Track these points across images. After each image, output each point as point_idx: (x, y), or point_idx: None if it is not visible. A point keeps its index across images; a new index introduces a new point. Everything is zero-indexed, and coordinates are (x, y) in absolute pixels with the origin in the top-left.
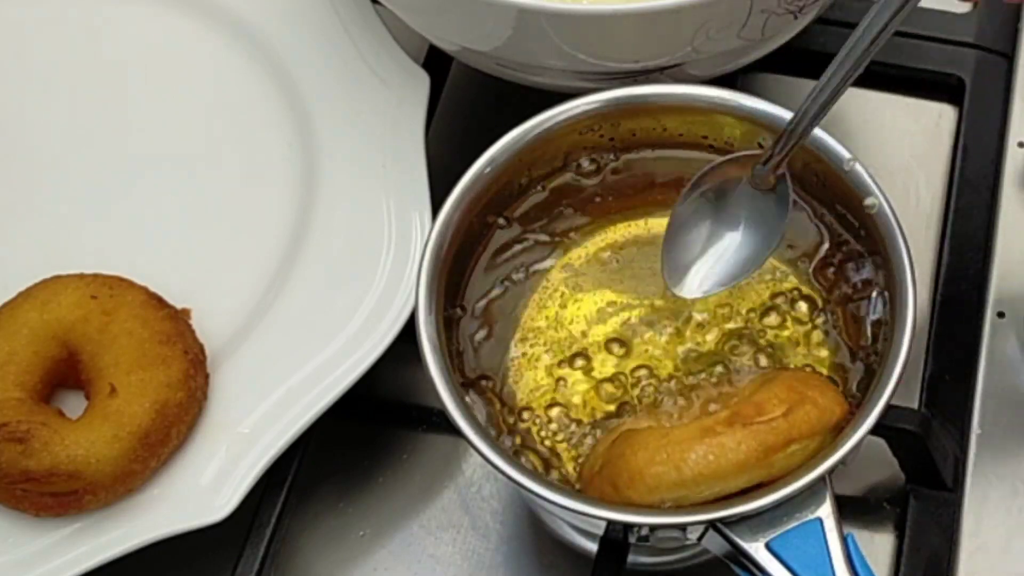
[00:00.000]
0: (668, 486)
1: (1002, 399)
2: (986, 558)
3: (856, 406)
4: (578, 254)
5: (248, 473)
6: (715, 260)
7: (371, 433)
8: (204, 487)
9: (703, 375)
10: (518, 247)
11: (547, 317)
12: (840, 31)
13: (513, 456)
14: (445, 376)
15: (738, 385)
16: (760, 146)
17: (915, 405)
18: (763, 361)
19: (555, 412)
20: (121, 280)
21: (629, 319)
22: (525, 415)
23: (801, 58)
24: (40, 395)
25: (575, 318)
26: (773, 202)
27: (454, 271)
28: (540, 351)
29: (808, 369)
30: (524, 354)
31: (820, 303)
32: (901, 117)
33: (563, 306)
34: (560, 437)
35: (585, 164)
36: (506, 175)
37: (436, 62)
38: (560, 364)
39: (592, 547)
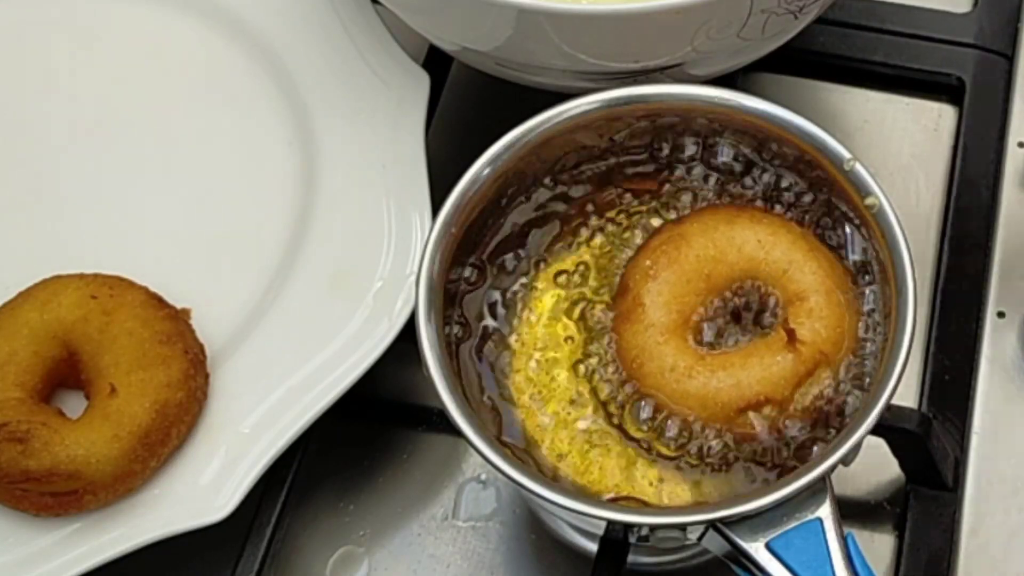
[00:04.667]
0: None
1: (1002, 399)
2: (986, 558)
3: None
4: (576, 251)
5: (248, 473)
6: None
7: (371, 433)
8: (204, 487)
9: None
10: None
11: (544, 314)
12: (840, 31)
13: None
14: (445, 376)
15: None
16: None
17: (915, 405)
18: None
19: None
20: (121, 280)
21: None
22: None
23: (801, 58)
24: (40, 395)
25: (572, 311)
26: None
27: (454, 268)
28: (538, 344)
29: None
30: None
31: None
32: (901, 117)
33: (559, 302)
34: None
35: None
36: (506, 175)
37: (436, 62)
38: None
39: (592, 547)
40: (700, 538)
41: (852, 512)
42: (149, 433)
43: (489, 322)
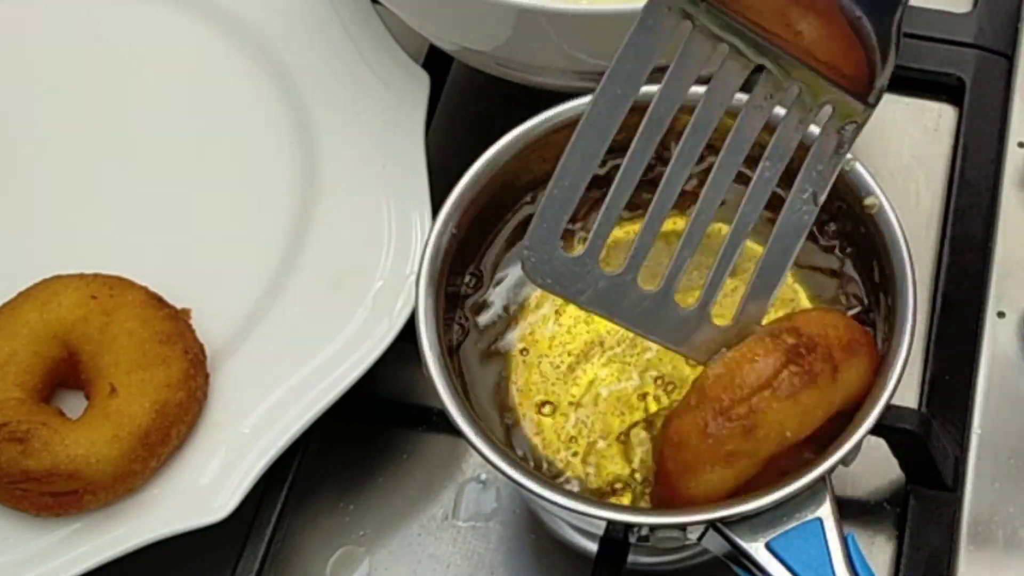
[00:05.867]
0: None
1: (1002, 399)
2: (986, 558)
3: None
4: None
5: (248, 473)
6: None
7: (371, 433)
8: (204, 487)
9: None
10: (517, 246)
11: (545, 317)
12: None
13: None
14: (445, 376)
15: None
16: None
17: (915, 405)
18: None
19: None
20: (121, 280)
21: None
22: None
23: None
24: (40, 395)
25: (575, 317)
26: None
27: (454, 270)
28: (541, 351)
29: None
30: (524, 352)
31: None
32: (901, 117)
33: (563, 303)
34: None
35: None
36: (506, 176)
37: (436, 62)
38: (558, 361)
39: (592, 547)
40: (700, 538)
41: (852, 512)
42: (149, 433)
43: (491, 322)
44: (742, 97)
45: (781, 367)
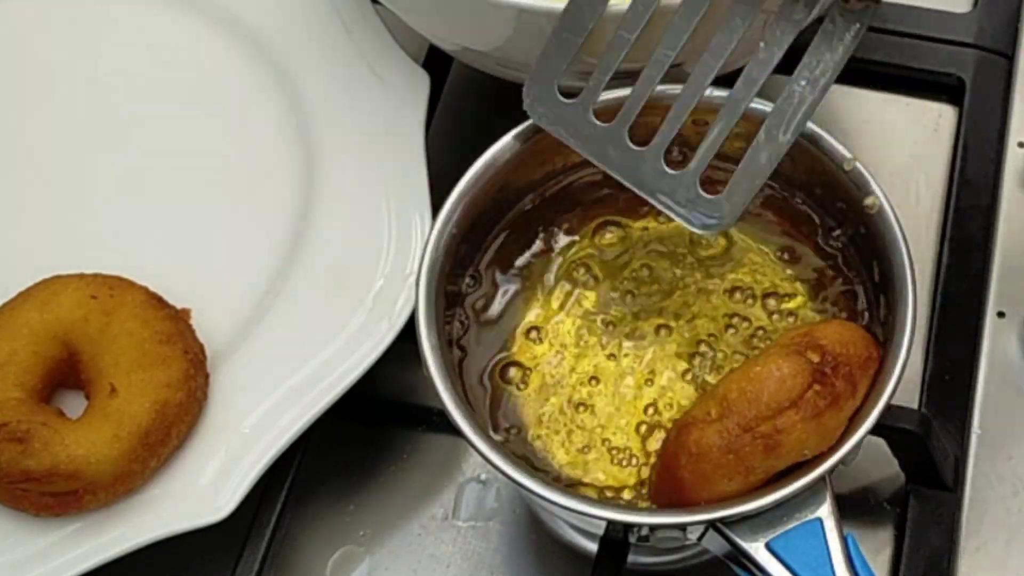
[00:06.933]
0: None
1: (1002, 399)
2: (986, 558)
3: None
4: (577, 252)
5: (248, 473)
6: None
7: (371, 433)
8: (204, 487)
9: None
10: (517, 247)
11: (547, 316)
12: None
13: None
14: (445, 376)
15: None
16: None
17: (915, 405)
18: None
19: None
20: (121, 280)
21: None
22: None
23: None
24: (40, 395)
25: (575, 314)
26: None
27: (455, 270)
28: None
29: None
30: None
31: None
32: (901, 117)
33: (562, 304)
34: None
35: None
36: (506, 176)
37: (436, 62)
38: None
39: (592, 547)
40: (700, 538)
41: (852, 512)
42: (149, 433)
43: (492, 320)
44: None
45: (807, 387)
